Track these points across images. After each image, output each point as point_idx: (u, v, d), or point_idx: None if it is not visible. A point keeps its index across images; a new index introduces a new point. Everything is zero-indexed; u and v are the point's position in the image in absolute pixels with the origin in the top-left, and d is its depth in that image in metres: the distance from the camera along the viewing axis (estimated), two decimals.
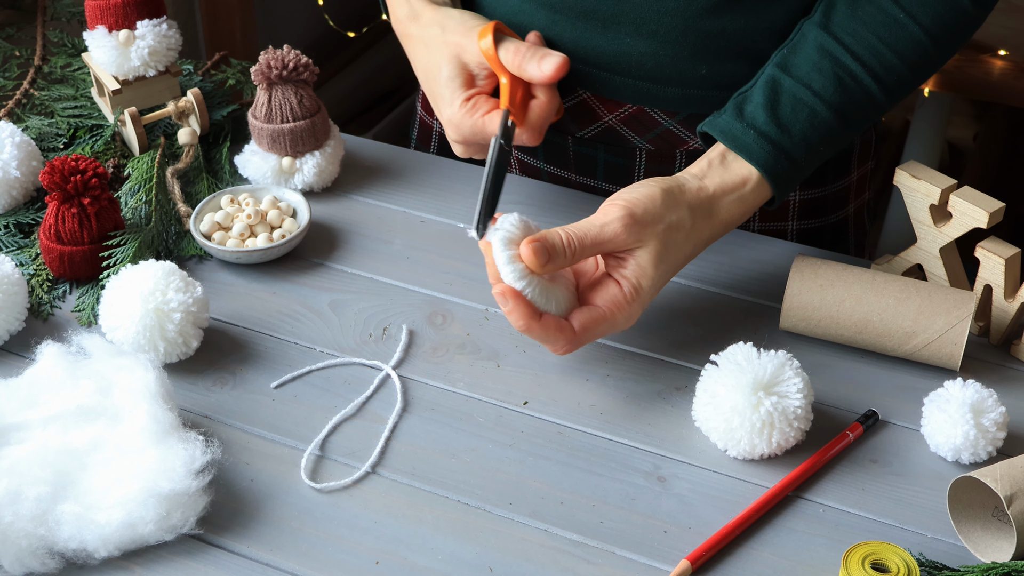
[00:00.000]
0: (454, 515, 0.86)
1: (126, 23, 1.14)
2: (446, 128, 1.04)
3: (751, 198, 0.98)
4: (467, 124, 1.02)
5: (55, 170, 1.00)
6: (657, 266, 0.92)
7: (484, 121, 1.01)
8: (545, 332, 0.89)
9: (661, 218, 0.92)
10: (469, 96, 1.02)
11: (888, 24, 0.98)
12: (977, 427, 0.88)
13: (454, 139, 1.04)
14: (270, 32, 2.44)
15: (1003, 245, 0.98)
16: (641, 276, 0.91)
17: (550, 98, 1.03)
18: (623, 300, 0.91)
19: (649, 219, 0.92)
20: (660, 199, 0.93)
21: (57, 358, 0.89)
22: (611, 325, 0.91)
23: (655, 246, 0.92)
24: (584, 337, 0.91)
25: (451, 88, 1.03)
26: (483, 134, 1.01)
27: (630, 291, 0.91)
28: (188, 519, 0.82)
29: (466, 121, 1.01)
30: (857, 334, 0.97)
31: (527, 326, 0.88)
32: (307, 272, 1.06)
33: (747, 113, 0.98)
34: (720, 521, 0.85)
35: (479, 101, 1.02)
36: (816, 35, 0.99)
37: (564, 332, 0.89)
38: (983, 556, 0.83)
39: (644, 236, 0.91)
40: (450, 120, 1.03)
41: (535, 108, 1.02)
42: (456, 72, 1.03)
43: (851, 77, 0.98)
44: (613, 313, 0.91)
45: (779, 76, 0.99)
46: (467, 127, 1.02)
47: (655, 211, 0.92)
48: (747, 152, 0.96)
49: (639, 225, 0.91)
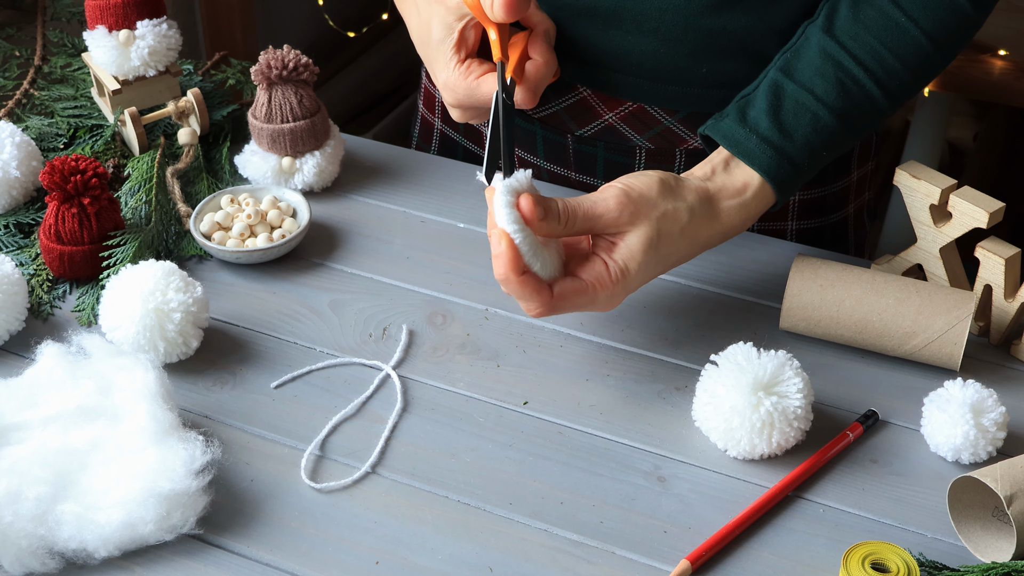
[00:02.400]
0: (454, 515, 0.86)
1: (126, 23, 1.14)
2: (442, 92, 1.04)
3: (753, 205, 0.97)
4: (461, 87, 1.01)
5: (55, 170, 1.00)
6: (647, 251, 0.91)
7: (478, 83, 1.01)
8: (522, 289, 0.88)
9: (656, 204, 0.92)
10: (463, 58, 1.02)
11: (890, 28, 0.98)
12: (977, 427, 0.88)
13: (450, 103, 1.04)
14: (270, 32, 2.44)
15: (1003, 245, 0.98)
16: (629, 259, 0.91)
17: (547, 59, 1.02)
18: (607, 279, 0.91)
19: (644, 202, 0.91)
20: (657, 187, 0.93)
21: (57, 358, 0.89)
22: (591, 300, 0.91)
23: (647, 231, 0.91)
24: (560, 305, 0.90)
25: (443, 51, 1.02)
26: (477, 97, 1.01)
27: (616, 271, 0.91)
28: (188, 519, 0.82)
29: (460, 84, 1.01)
30: (857, 334, 0.97)
31: (506, 276, 0.87)
32: (307, 272, 1.06)
33: (750, 118, 0.98)
34: (720, 521, 0.85)
35: (473, 64, 1.02)
36: (819, 39, 0.99)
37: (541, 294, 0.88)
38: (983, 556, 0.83)
39: (637, 217, 0.91)
40: (445, 84, 1.02)
41: (531, 69, 1.01)
42: (445, 34, 1.02)
43: (854, 82, 0.98)
44: (595, 288, 0.90)
45: (782, 81, 0.99)
46: (461, 90, 1.01)
47: (651, 196, 0.92)
48: (750, 158, 0.97)
49: (633, 204, 0.91)
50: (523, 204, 0.88)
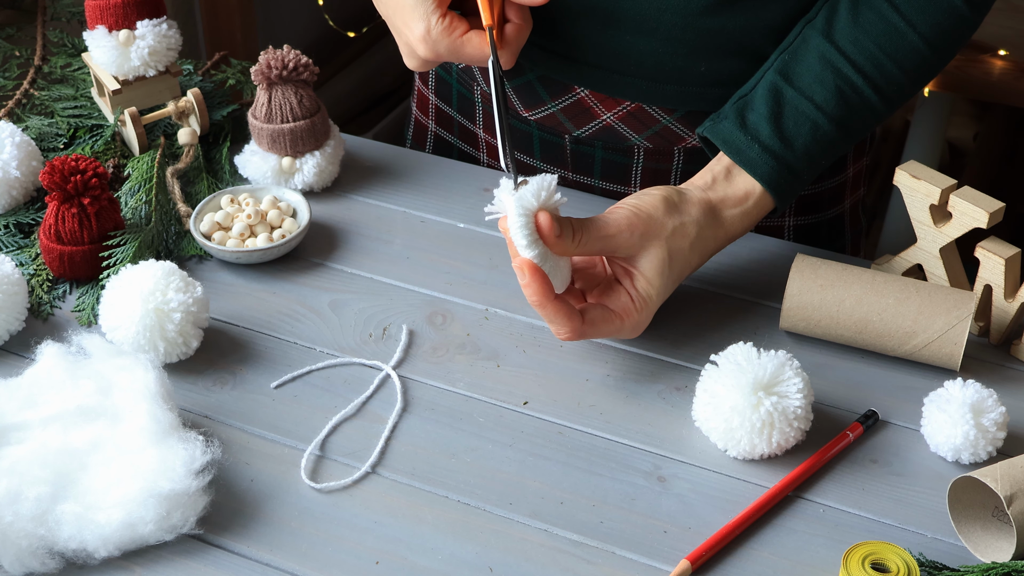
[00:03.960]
0: (454, 515, 0.86)
1: (126, 23, 1.14)
2: (416, 45, 0.99)
3: (754, 212, 0.99)
4: (444, 43, 0.97)
5: (55, 170, 1.00)
6: (662, 274, 0.94)
7: (462, 41, 0.97)
8: (556, 314, 0.90)
9: (664, 224, 0.94)
10: (443, 13, 0.97)
11: (889, 33, 0.98)
12: (977, 427, 0.88)
13: (424, 56, 0.99)
14: (270, 32, 2.44)
15: (1003, 245, 0.98)
16: (649, 287, 0.94)
17: (525, 19, 0.99)
18: (633, 309, 0.94)
19: (653, 223, 0.93)
20: (663, 206, 0.95)
21: (57, 358, 0.89)
22: (618, 329, 0.94)
23: (659, 253, 0.94)
24: (589, 331, 0.92)
25: (424, 4, 0.97)
26: (462, 55, 0.98)
27: (639, 301, 0.94)
28: (188, 519, 0.82)
29: (444, 40, 0.97)
30: (857, 334, 0.97)
31: (541, 303, 0.89)
32: (307, 272, 1.06)
33: (750, 123, 0.98)
34: (720, 521, 0.85)
35: (454, 19, 0.97)
36: (818, 43, 0.99)
37: (572, 321, 0.91)
38: (983, 556, 0.83)
39: (647, 239, 0.93)
40: (423, 38, 0.98)
41: (510, 30, 0.99)
42: None
43: (852, 89, 0.99)
44: (622, 319, 0.94)
45: (781, 86, 0.99)
46: (443, 47, 0.98)
47: (658, 216, 0.94)
48: (752, 167, 0.98)
49: (643, 225, 0.93)
50: (541, 221, 0.88)
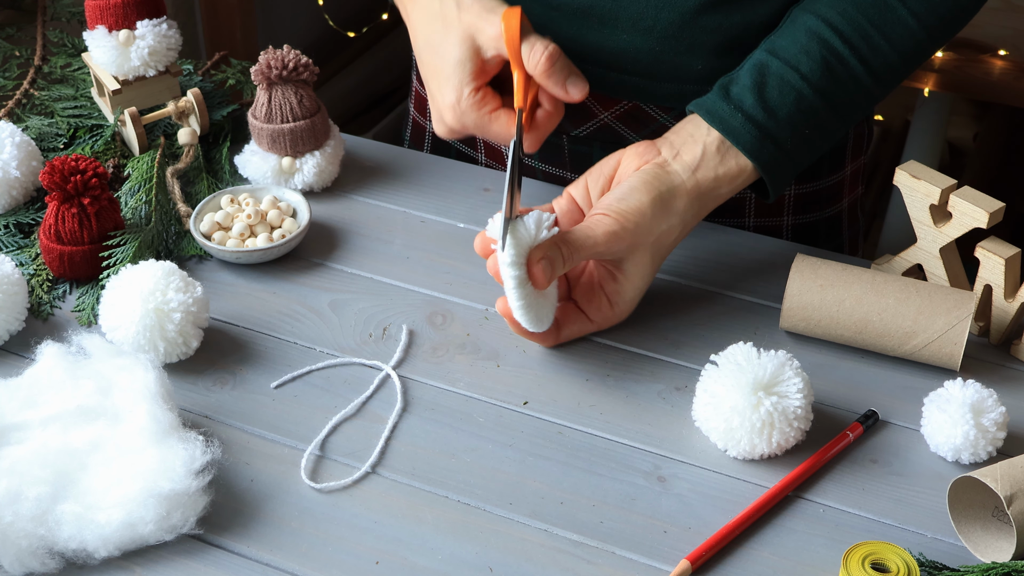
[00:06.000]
0: (454, 515, 0.86)
1: (126, 23, 1.14)
2: (444, 112, 1.00)
3: (743, 186, 1.00)
4: (472, 117, 0.99)
5: (55, 170, 1.00)
6: (646, 277, 0.98)
7: (491, 119, 0.98)
8: (533, 338, 0.98)
9: (650, 230, 0.95)
10: (478, 87, 0.99)
11: (878, 5, 0.98)
12: (977, 427, 0.88)
13: (451, 125, 1.01)
14: (270, 32, 2.44)
15: (1003, 245, 0.98)
16: (630, 288, 0.98)
17: (557, 108, 1.00)
18: (611, 313, 0.99)
19: (640, 232, 0.95)
20: (650, 209, 0.95)
21: (57, 358, 0.89)
22: (595, 330, 1.00)
23: (643, 258, 0.97)
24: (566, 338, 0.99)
25: (461, 74, 0.98)
26: (488, 131, 0.99)
27: (619, 306, 0.99)
28: (188, 519, 0.82)
29: (471, 114, 0.99)
30: (857, 334, 0.97)
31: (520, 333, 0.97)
32: (307, 272, 1.06)
33: (734, 94, 0.98)
34: (720, 521, 0.85)
35: (487, 95, 0.99)
36: (805, 18, 0.99)
37: (547, 340, 0.98)
38: (983, 556, 0.83)
39: (634, 249, 0.95)
40: (453, 107, 0.99)
41: (542, 117, 1.00)
42: (468, 56, 0.98)
43: (839, 60, 0.98)
44: (599, 324, 0.99)
45: (767, 59, 0.98)
46: (471, 120, 0.99)
47: (644, 223, 0.94)
48: (735, 136, 0.97)
49: (630, 236, 0.94)
50: (535, 275, 0.91)
